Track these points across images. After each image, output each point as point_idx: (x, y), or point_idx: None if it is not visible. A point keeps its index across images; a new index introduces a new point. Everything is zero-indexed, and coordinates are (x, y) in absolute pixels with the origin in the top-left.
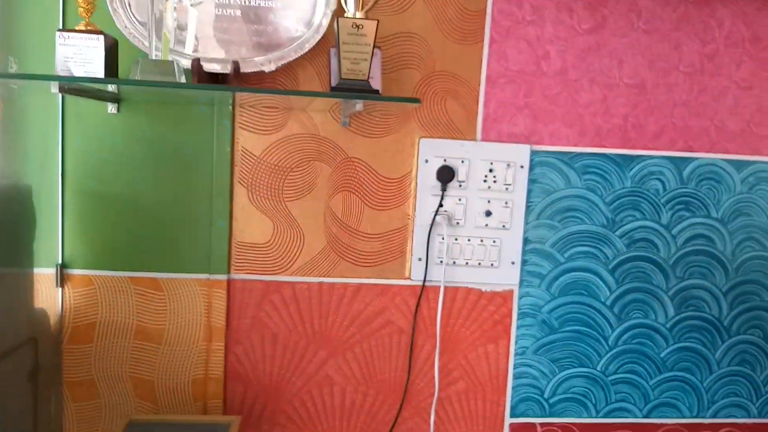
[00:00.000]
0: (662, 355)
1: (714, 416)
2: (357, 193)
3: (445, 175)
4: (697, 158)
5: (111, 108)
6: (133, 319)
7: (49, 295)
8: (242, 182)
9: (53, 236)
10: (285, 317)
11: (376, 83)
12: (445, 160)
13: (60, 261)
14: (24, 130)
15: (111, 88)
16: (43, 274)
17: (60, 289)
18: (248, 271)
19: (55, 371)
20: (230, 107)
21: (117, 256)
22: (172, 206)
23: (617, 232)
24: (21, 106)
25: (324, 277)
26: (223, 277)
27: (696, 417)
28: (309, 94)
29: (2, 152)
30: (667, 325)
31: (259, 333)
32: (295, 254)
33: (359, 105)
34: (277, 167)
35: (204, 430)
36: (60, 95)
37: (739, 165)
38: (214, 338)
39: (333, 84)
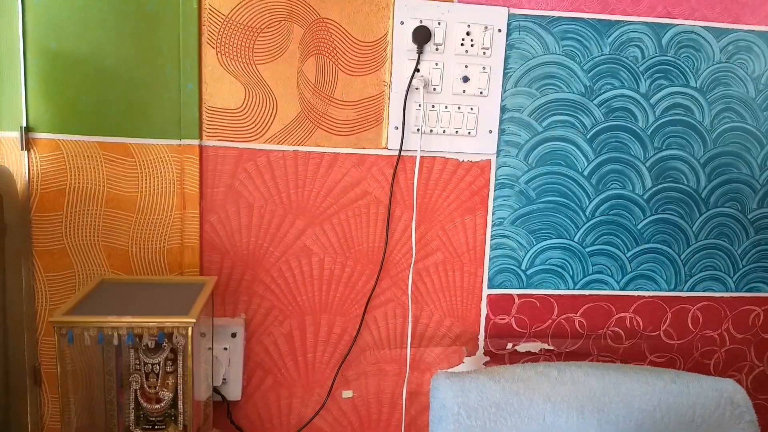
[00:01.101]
0: (639, 226)
1: (692, 289)
2: (330, 57)
3: (422, 36)
4: (676, 25)
5: None
6: (103, 186)
7: (15, 160)
8: (210, 43)
9: (16, 98)
10: (260, 186)
11: None
12: (421, 22)
13: (24, 124)
14: None
15: None
16: (7, 138)
17: (26, 152)
18: (220, 138)
19: (25, 239)
20: None
21: (84, 120)
22: (139, 67)
23: (595, 101)
24: None
25: (299, 145)
26: (195, 142)
27: (674, 290)
28: None
29: None
30: (645, 197)
31: (234, 202)
32: (269, 121)
33: None
34: (246, 27)
35: (178, 290)
36: None
37: (718, 33)
38: (188, 206)
39: None
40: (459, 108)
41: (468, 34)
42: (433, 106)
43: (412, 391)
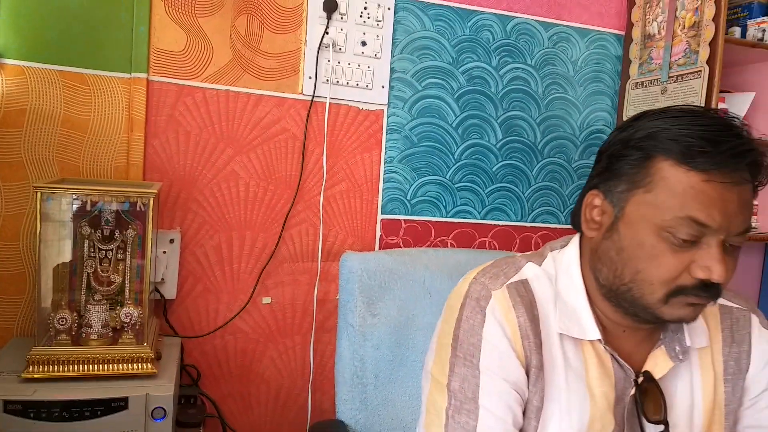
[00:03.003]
0: (494, 169)
1: (533, 221)
2: (257, 16)
3: (330, 6)
4: (516, 17)
5: None
6: (60, 109)
7: None
8: None
9: None
10: (197, 118)
11: None
12: None
13: None
14: None
15: None
16: None
17: None
18: (165, 75)
19: None
20: None
21: (47, 51)
22: (98, 9)
23: (460, 70)
24: None
25: (230, 86)
26: (143, 76)
27: (520, 221)
28: None
29: None
30: (497, 146)
31: (174, 129)
32: (206, 63)
33: None
34: None
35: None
36: None
37: (546, 26)
38: (134, 129)
39: None
40: (359, 66)
41: (365, 8)
42: (339, 62)
43: (320, 299)
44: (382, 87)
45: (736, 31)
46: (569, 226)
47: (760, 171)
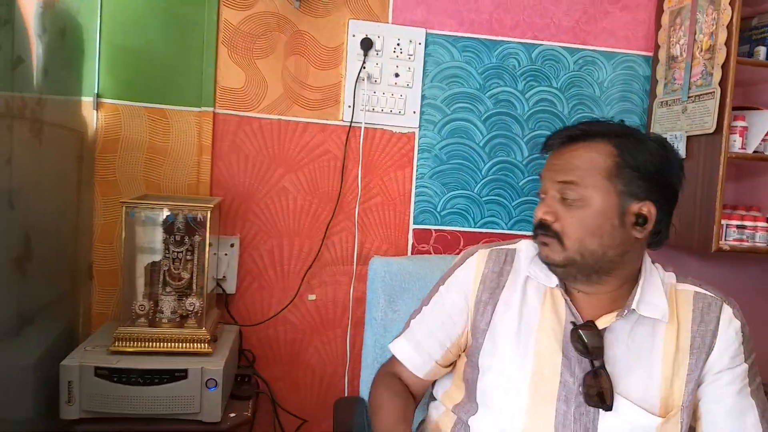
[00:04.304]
0: (520, 183)
1: None
2: (305, 56)
3: (367, 45)
4: (541, 44)
5: None
6: (146, 137)
7: (89, 116)
8: (224, 43)
9: (91, 74)
10: (254, 143)
11: None
12: (366, 35)
13: (96, 91)
14: None
15: None
16: (86, 101)
17: (95, 111)
18: (228, 108)
19: (91, 171)
20: None
21: (135, 91)
22: (175, 57)
23: (487, 95)
24: None
25: (282, 115)
26: (210, 110)
27: None
28: None
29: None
30: (523, 162)
31: (235, 153)
32: (261, 97)
33: None
34: (248, 34)
35: (193, 202)
36: None
37: (572, 51)
38: (203, 153)
39: None
40: (392, 95)
41: (398, 44)
42: (374, 92)
43: (357, 297)
44: (414, 112)
45: (761, 51)
46: None
47: (576, 140)
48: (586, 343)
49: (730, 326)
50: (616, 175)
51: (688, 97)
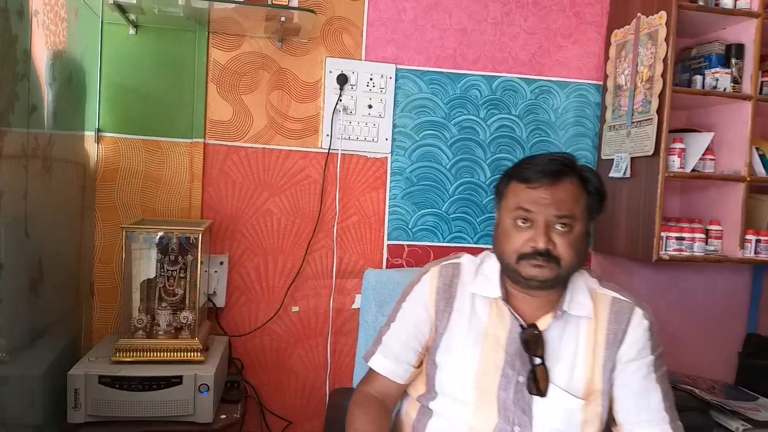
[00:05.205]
0: (484, 201)
1: None
2: (286, 91)
3: (342, 80)
4: (501, 76)
5: (131, 31)
6: (142, 167)
7: (91, 149)
8: (213, 81)
9: (93, 111)
10: (241, 170)
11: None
12: (342, 71)
13: (97, 126)
14: (83, 40)
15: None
16: (88, 135)
17: (96, 144)
18: (216, 138)
19: (92, 198)
20: (206, 32)
21: (134, 126)
22: (169, 94)
23: (452, 122)
24: (80, 26)
25: (266, 144)
26: (201, 141)
27: None
28: (255, 4)
29: (76, 46)
30: (486, 183)
31: (224, 179)
32: (247, 129)
33: (295, 17)
34: (235, 72)
35: (185, 225)
36: (100, 23)
37: (529, 81)
38: (194, 180)
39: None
40: (366, 124)
41: (371, 79)
42: (350, 122)
43: (337, 308)
44: (386, 139)
45: (698, 79)
46: None
47: (560, 176)
48: (530, 343)
49: (639, 325)
50: (586, 202)
51: (632, 123)
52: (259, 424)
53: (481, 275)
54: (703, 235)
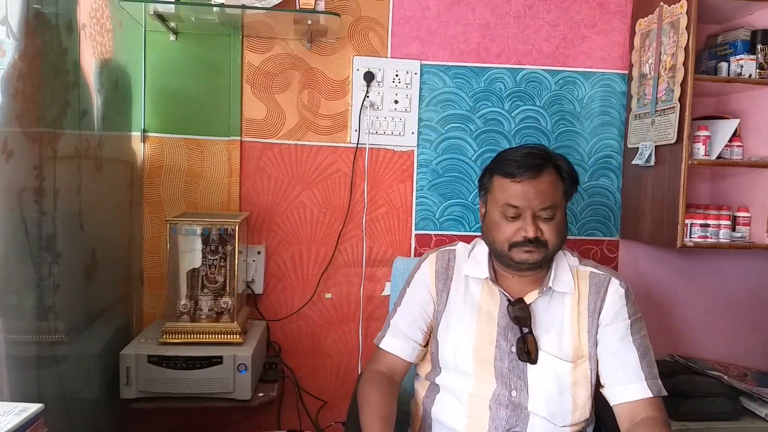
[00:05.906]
0: None
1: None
2: (316, 89)
3: (369, 77)
4: (524, 68)
5: (172, 38)
6: (185, 164)
7: (137, 148)
8: (248, 82)
9: (139, 113)
10: (275, 165)
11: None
12: (368, 69)
13: (143, 127)
14: (127, 49)
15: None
16: (134, 135)
17: (143, 144)
18: (252, 136)
19: (140, 193)
20: (240, 37)
21: (176, 126)
22: (208, 96)
23: (477, 115)
24: (124, 35)
25: (298, 141)
26: (238, 139)
27: None
28: (283, 9)
29: (121, 54)
30: None
31: (260, 174)
32: (280, 126)
33: (321, 20)
34: (268, 73)
35: (224, 218)
36: (143, 31)
37: (553, 73)
38: (233, 175)
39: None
40: (393, 119)
41: (397, 75)
42: (377, 118)
43: (368, 295)
44: (412, 133)
45: (723, 66)
46: (580, 237)
47: (540, 169)
48: (518, 316)
49: (615, 293)
50: (563, 188)
51: (656, 111)
52: (296, 404)
53: (472, 259)
54: (729, 222)
